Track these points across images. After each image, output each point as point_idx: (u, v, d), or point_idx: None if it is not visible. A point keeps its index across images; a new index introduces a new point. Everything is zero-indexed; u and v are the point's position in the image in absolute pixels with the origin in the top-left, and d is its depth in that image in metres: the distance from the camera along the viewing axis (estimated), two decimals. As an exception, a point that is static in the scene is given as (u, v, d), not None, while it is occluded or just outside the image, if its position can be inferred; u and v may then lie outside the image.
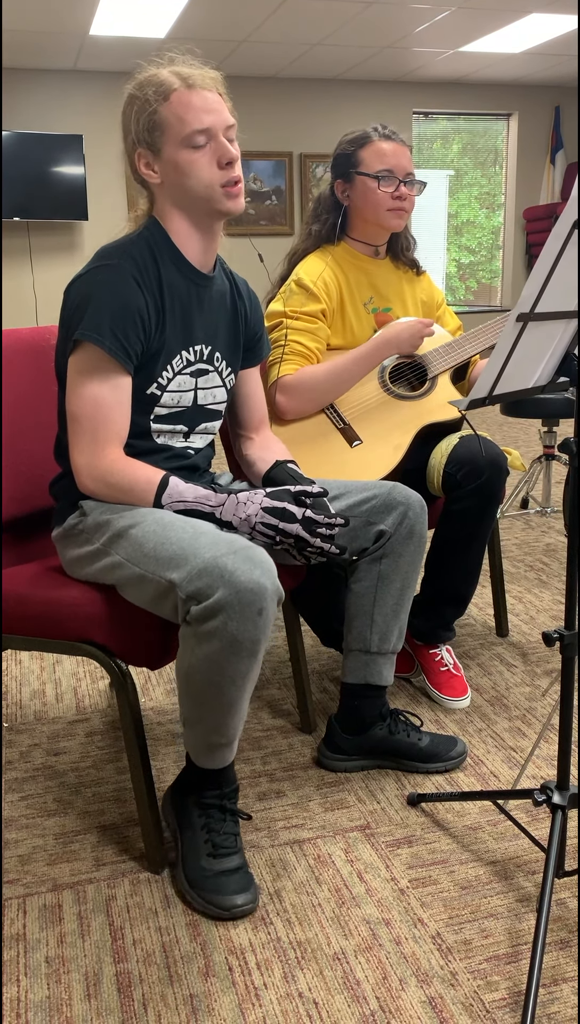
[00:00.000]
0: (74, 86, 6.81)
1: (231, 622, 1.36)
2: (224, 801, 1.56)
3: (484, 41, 6.32)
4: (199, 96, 1.53)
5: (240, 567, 1.36)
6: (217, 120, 1.54)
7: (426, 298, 2.30)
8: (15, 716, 2.19)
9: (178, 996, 1.33)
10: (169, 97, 1.53)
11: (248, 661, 1.40)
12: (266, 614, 1.38)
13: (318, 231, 2.20)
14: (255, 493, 1.54)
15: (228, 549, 1.38)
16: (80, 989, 1.35)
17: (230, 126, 1.57)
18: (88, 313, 1.51)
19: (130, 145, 1.59)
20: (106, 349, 1.51)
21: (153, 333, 1.57)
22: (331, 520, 1.53)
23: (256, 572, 1.36)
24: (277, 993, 1.33)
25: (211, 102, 1.54)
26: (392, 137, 2.10)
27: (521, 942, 1.42)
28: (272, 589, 1.38)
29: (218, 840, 1.53)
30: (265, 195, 7.37)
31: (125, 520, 1.51)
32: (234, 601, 1.35)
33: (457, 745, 1.90)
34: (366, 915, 1.49)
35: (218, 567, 1.36)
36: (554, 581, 3.03)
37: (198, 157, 1.54)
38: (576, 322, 1.37)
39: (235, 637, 1.37)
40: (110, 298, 1.51)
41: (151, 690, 2.30)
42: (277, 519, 1.50)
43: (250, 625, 1.37)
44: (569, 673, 1.41)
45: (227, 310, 1.73)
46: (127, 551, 1.48)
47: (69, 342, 1.54)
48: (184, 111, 1.52)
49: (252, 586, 1.35)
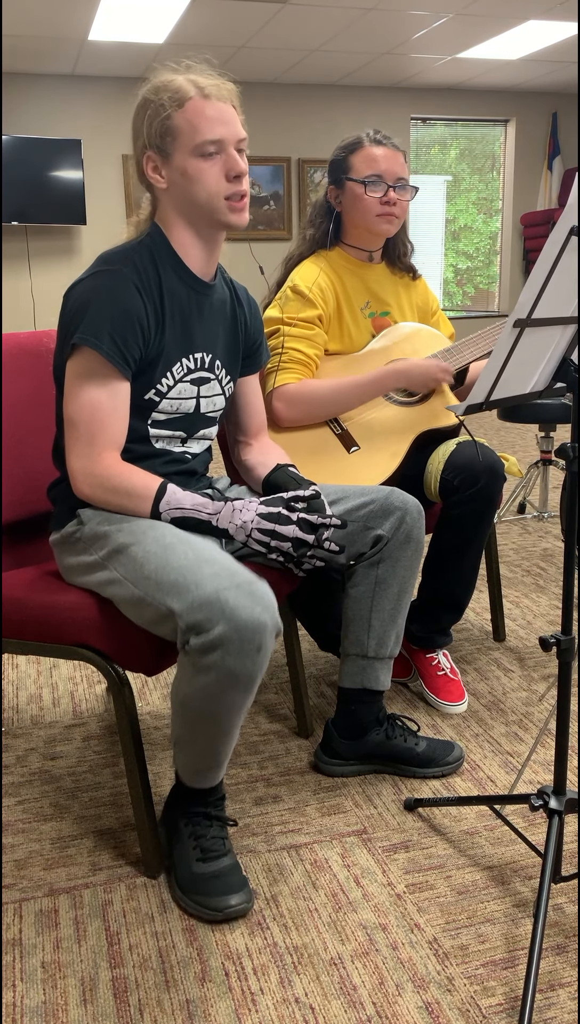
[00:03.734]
0: (73, 91, 6.82)
1: (229, 657, 1.35)
2: (209, 808, 1.56)
3: (482, 47, 6.34)
4: (214, 107, 1.53)
5: (241, 603, 1.35)
6: (229, 132, 1.54)
7: (421, 303, 2.30)
8: (12, 720, 2.19)
9: (174, 1001, 1.33)
10: (184, 105, 1.53)
11: (244, 695, 1.41)
12: (264, 651, 1.38)
13: (313, 236, 2.21)
14: (250, 501, 1.54)
15: (230, 583, 1.37)
16: (76, 994, 1.35)
17: (241, 139, 1.57)
18: (87, 318, 1.51)
19: (140, 148, 1.59)
20: (104, 354, 1.51)
21: (152, 340, 1.58)
22: (327, 520, 1.53)
23: (257, 609, 1.36)
24: (273, 998, 1.33)
25: (226, 114, 1.54)
26: (383, 142, 2.10)
27: (518, 947, 1.42)
28: (272, 625, 1.38)
29: (206, 844, 1.53)
30: (263, 200, 7.39)
31: (124, 536, 1.50)
32: (234, 638, 1.34)
33: (454, 750, 1.91)
34: (363, 920, 1.49)
35: (219, 602, 1.35)
36: (551, 586, 3.03)
37: (207, 167, 1.54)
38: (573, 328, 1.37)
39: (232, 671, 1.36)
40: (110, 303, 1.51)
41: (148, 694, 2.30)
42: (273, 523, 1.50)
43: (248, 661, 1.36)
44: (566, 678, 1.42)
45: (227, 318, 1.73)
46: (126, 569, 1.48)
47: (68, 346, 1.55)
48: (198, 120, 1.53)
49: (253, 624, 1.35)
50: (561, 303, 1.29)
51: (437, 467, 2.06)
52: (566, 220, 1.18)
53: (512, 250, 8.15)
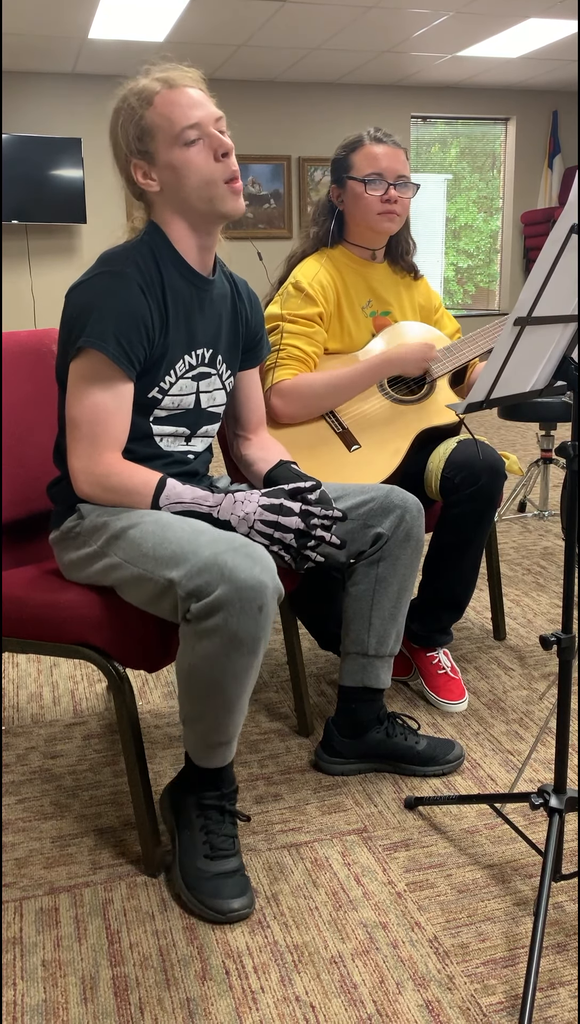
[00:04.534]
0: (73, 89, 6.82)
1: (231, 618, 1.35)
2: (223, 802, 1.55)
3: (482, 46, 6.33)
4: (182, 94, 1.53)
5: (240, 564, 1.36)
6: (205, 114, 1.54)
7: (423, 302, 2.30)
8: (12, 719, 2.19)
9: (175, 1000, 1.33)
10: (153, 101, 1.53)
11: (249, 658, 1.40)
12: (266, 610, 1.38)
13: (316, 234, 2.22)
14: (252, 492, 1.54)
15: (227, 546, 1.38)
16: (76, 993, 1.35)
17: (219, 118, 1.56)
18: (92, 320, 1.51)
19: (123, 159, 1.58)
20: (111, 356, 1.50)
21: (157, 339, 1.57)
22: (329, 513, 1.52)
23: (256, 569, 1.36)
24: (274, 997, 1.33)
25: (195, 97, 1.54)
26: (384, 140, 2.10)
27: (518, 946, 1.42)
28: (272, 586, 1.38)
29: (216, 842, 1.53)
30: (263, 199, 7.38)
31: (123, 521, 1.51)
32: (234, 598, 1.35)
33: (454, 748, 1.91)
34: (363, 919, 1.49)
35: (218, 564, 1.36)
36: (551, 584, 3.03)
37: (193, 154, 1.54)
38: (573, 326, 1.37)
39: (236, 633, 1.36)
40: (114, 305, 1.51)
41: (148, 693, 2.30)
42: (275, 515, 1.50)
43: (250, 621, 1.36)
44: (566, 676, 1.42)
45: (228, 312, 1.73)
46: (125, 552, 1.48)
47: (72, 348, 1.54)
48: (170, 110, 1.52)
49: (252, 583, 1.35)
50: (561, 301, 1.29)
51: (437, 465, 2.06)
52: (566, 218, 1.18)
53: (512, 249, 8.15)
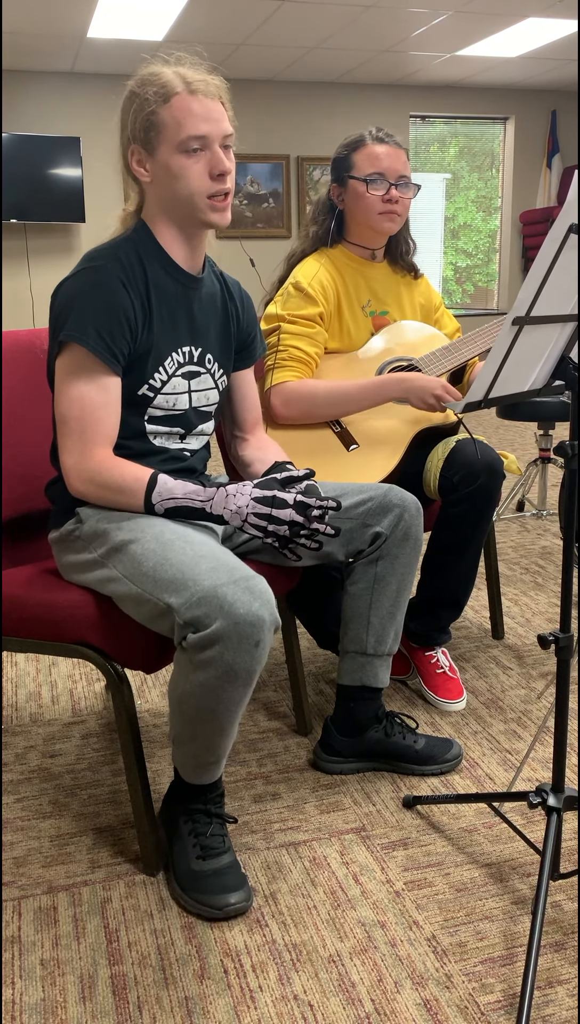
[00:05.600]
0: (72, 88, 6.81)
1: (227, 653, 1.35)
2: (209, 806, 1.56)
3: (481, 45, 6.33)
4: (200, 103, 1.52)
5: (239, 598, 1.35)
6: (215, 129, 1.53)
7: (424, 301, 2.30)
8: (11, 718, 2.19)
9: (173, 998, 1.33)
10: (170, 100, 1.52)
11: (242, 690, 1.41)
12: (263, 645, 1.38)
13: (316, 233, 2.21)
14: (244, 485, 1.52)
15: (228, 578, 1.37)
16: (75, 992, 1.35)
17: (228, 136, 1.55)
18: (73, 314, 1.51)
19: (125, 140, 1.58)
20: (91, 348, 1.50)
21: (140, 334, 1.57)
22: (323, 503, 1.52)
23: (255, 604, 1.36)
24: (272, 995, 1.33)
25: (212, 110, 1.53)
26: (386, 140, 2.10)
27: (516, 944, 1.42)
28: (270, 620, 1.38)
29: (205, 842, 1.53)
30: (262, 198, 7.38)
31: (123, 533, 1.50)
32: (232, 633, 1.34)
33: (453, 747, 1.91)
34: (361, 917, 1.49)
35: (217, 597, 1.35)
36: (550, 584, 3.03)
37: (191, 164, 1.53)
38: (571, 325, 1.37)
39: (231, 667, 1.36)
40: (95, 299, 1.51)
41: (147, 692, 2.30)
42: (268, 507, 1.49)
43: (247, 656, 1.37)
44: (564, 675, 1.42)
45: (218, 312, 1.73)
46: (125, 567, 1.48)
47: (56, 344, 1.55)
48: (183, 116, 1.51)
49: (251, 619, 1.35)
50: (560, 301, 1.29)
51: (436, 465, 2.06)
52: (565, 217, 1.18)
53: (511, 248, 8.15)
